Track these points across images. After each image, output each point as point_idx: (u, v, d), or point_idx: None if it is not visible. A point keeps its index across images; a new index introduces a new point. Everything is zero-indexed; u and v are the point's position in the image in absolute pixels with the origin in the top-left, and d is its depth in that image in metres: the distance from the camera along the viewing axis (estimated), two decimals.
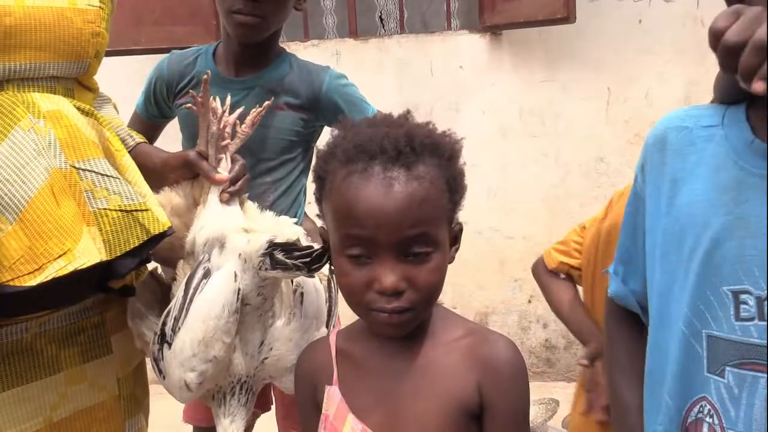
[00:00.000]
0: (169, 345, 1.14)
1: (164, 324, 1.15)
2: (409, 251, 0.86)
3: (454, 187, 0.92)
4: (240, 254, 1.14)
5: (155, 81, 1.71)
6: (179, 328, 1.13)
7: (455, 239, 0.95)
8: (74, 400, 1.14)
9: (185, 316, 1.13)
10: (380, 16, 3.71)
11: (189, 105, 1.27)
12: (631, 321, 1.04)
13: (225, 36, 1.68)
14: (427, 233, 0.87)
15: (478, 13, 3.24)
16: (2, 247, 0.93)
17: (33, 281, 0.93)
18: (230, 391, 1.18)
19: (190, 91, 1.34)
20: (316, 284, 1.23)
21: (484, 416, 0.91)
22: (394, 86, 3.16)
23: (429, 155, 0.89)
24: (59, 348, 1.12)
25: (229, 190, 1.23)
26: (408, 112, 0.97)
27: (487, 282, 3.28)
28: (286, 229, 1.20)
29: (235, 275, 1.13)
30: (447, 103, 3.18)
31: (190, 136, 1.65)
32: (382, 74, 3.18)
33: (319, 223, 1.00)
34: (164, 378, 1.17)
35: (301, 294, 1.21)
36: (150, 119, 1.76)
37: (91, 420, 1.16)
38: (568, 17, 2.86)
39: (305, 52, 3.14)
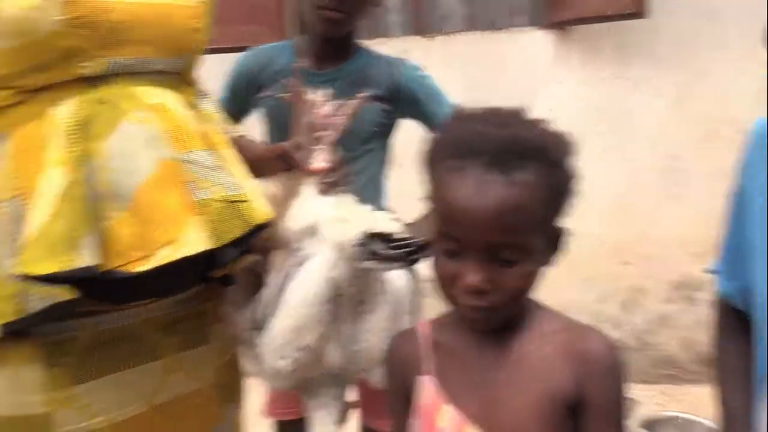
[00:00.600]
0: (262, 333, 1.15)
1: (257, 312, 1.16)
2: (498, 256, 0.85)
3: (558, 193, 0.90)
4: (334, 243, 1.14)
5: (236, 78, 1.75)
6: (272, 316, 1.13)
7: (555, 244, 0.93)
8: (173, 387, 1.16)
9: (278, 304, 1.13)
10: (445, 14, 3.69)
11: (283, 95, 1.28)
12: (740, 322, 1.02)
13: (307, 31, 1.71)
14: (517, 242, 0.85)
15: (546, 9, 3.19)
16: (113, 233, 0.96)
17: (143, 267, 0.96)
18: (323, 383, 1.18)
19: (283, 80, 1.35)
20: (399, 272, 1.22)
21: (581, 411, 0.90)
22: (461, 84, 3.12)
23: (531, 160, 0.86)
24: (161, 336, 1.14)
25: (325, 181, 1.24)
26: (521, 108, 0.94)
27: (557, 281, 3.22)
28: (384, 222, 1.19)
29: (329, 264, 1.13)
30: (514, 101, 3.14)
31: (277, 127, 1.67)
32: (450, 72, 3.15)
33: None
34: (257, 366, 1.18)
35: (385, 282, 1.20)
36: (229, 117, 1.79)
37: (188, 406, 1.18)
38: (640, 12, 2.79)
39: None
